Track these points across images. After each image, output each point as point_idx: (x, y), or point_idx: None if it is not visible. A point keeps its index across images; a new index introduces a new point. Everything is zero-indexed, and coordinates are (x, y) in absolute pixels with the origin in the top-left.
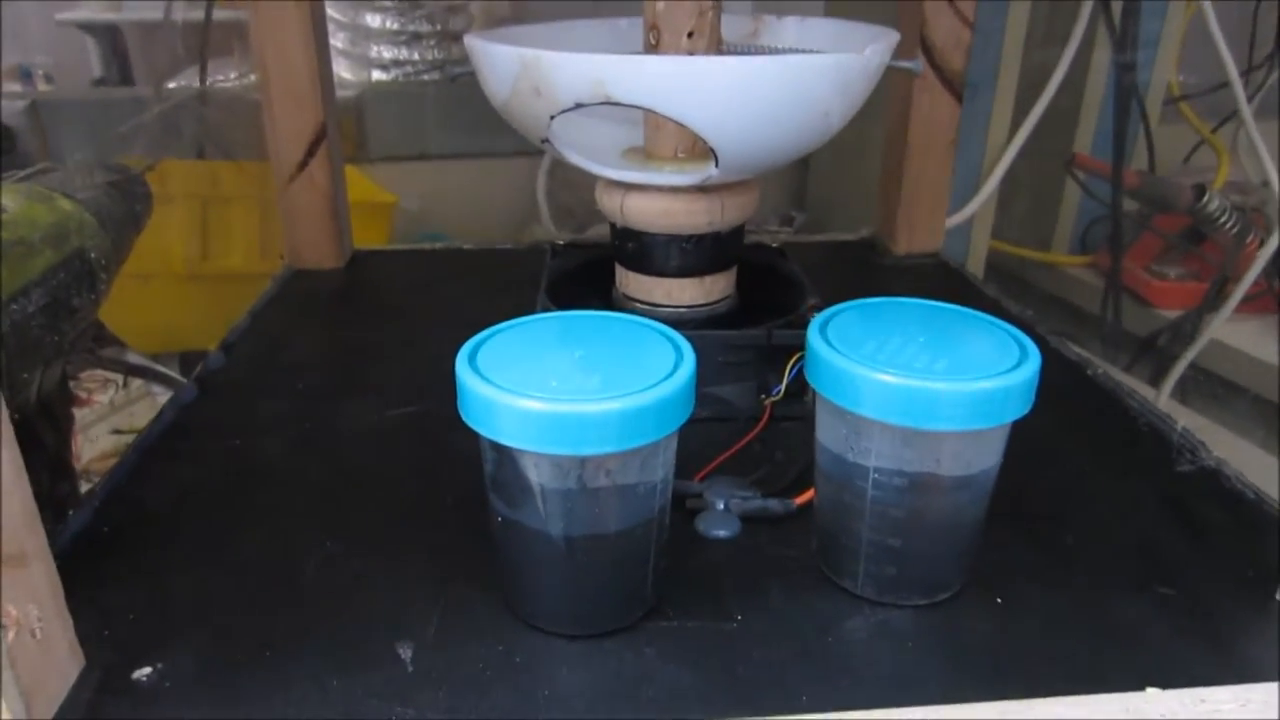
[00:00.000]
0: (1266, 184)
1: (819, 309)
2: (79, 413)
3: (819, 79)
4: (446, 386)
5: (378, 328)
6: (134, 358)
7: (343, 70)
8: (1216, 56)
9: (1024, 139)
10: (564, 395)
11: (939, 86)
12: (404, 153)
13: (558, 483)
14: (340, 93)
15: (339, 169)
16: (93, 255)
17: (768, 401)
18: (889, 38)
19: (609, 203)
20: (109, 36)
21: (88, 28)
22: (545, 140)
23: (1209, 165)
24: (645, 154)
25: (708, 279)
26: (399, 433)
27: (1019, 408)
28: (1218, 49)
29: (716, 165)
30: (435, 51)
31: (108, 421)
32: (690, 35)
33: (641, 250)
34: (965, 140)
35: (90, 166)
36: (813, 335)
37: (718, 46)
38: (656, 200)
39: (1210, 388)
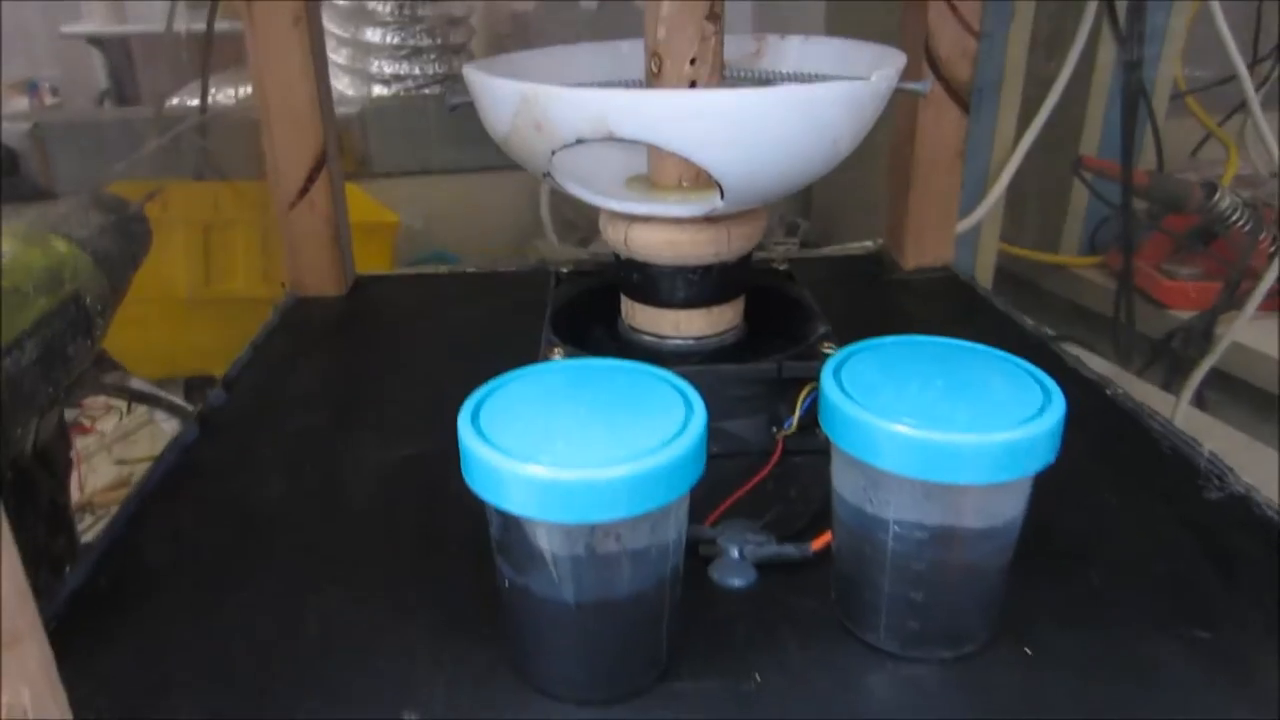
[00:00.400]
0: (1276, 175)
1: (829, 338)
2: (81, 441)
3: (826, 109)
4: (449, 425)
5: (380, 360)
6: (137, 383)
7: (344, 86)
8: (1221, 48)
9: (1030, 142)
10: (571, 460)
11: (945, 97)
12: (407, 168)
13: (566, 549)
14: (342, 109)
15: (340, 193)
16: (88, 300)
17: (780, 436)
18: (896, 60)
19: (613, 234)
20: (115, 49)
21: (94, 40)
22: (546, 174)
23: (1217, 158)
24: (649, 182)
25: (715, 309)
26: (402, 476)
27: (1044, 458)
28: (1224, 43)
29: (722, 198)
30: (436, 66)
31: (111, 451)
32: (693, 62)
33: (647, 282)
34: (971, 144)
35: (87, 202)
36: (826, 381)
37: (720, 72)
38: (661, 232)
39: (1226, 389)
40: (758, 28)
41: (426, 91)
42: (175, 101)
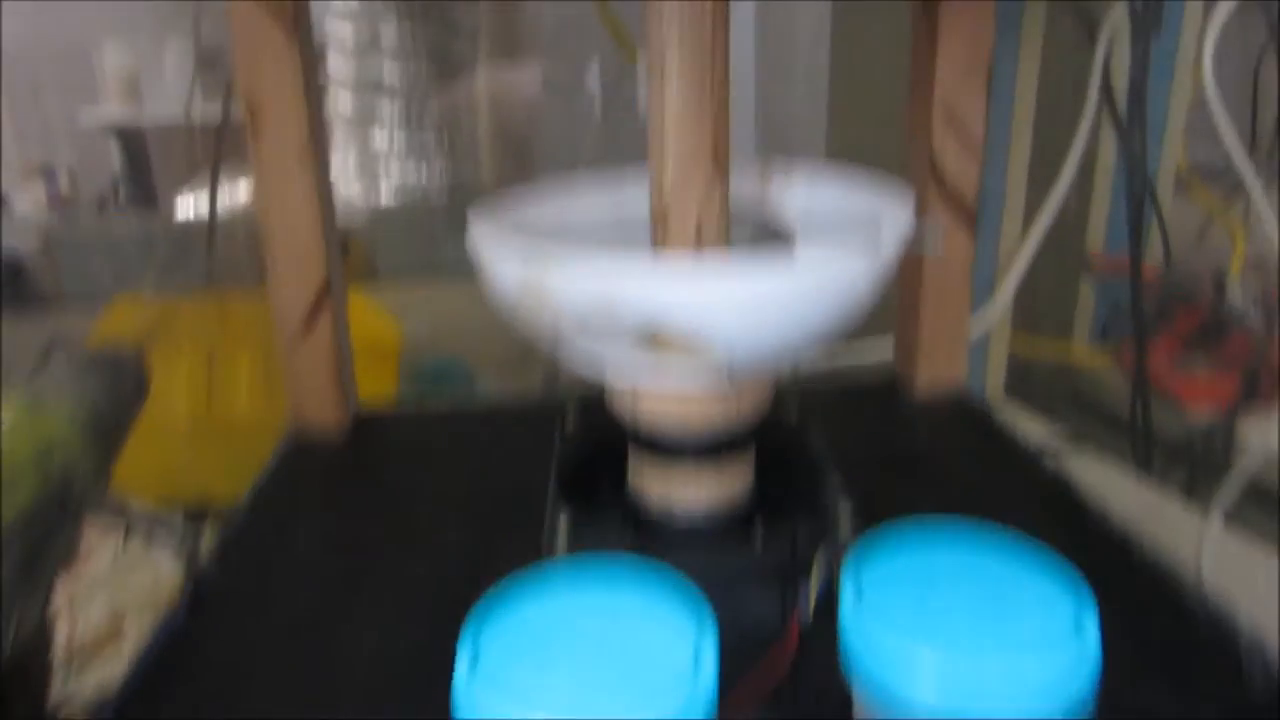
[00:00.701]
0: None
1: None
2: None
3: (838, 276)
4: (452, 610)
5: (382, 522)
6: (135, 511)
7: (353, 192)
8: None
9: (1036, 243)
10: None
11: (951, 214)
12: (413, 272)
13: None
14: (350, 215)
15: (344, 327)
16: (76, 484)
17: (794, 622)
18: (904, 208)
19: (620, 404)
20: (131, 137)
21: (110, 130)
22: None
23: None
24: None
25: (724, 477)
26: (398, 675)
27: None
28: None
29: (730, 372)
30: (444, 170)
31: (105, 590)
32: (699, 226)
33: (655, 450)
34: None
35: (80, 362)
36: (846, 615)
37: (726, 231)
38: (669, 403)
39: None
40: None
41: (434, 196)
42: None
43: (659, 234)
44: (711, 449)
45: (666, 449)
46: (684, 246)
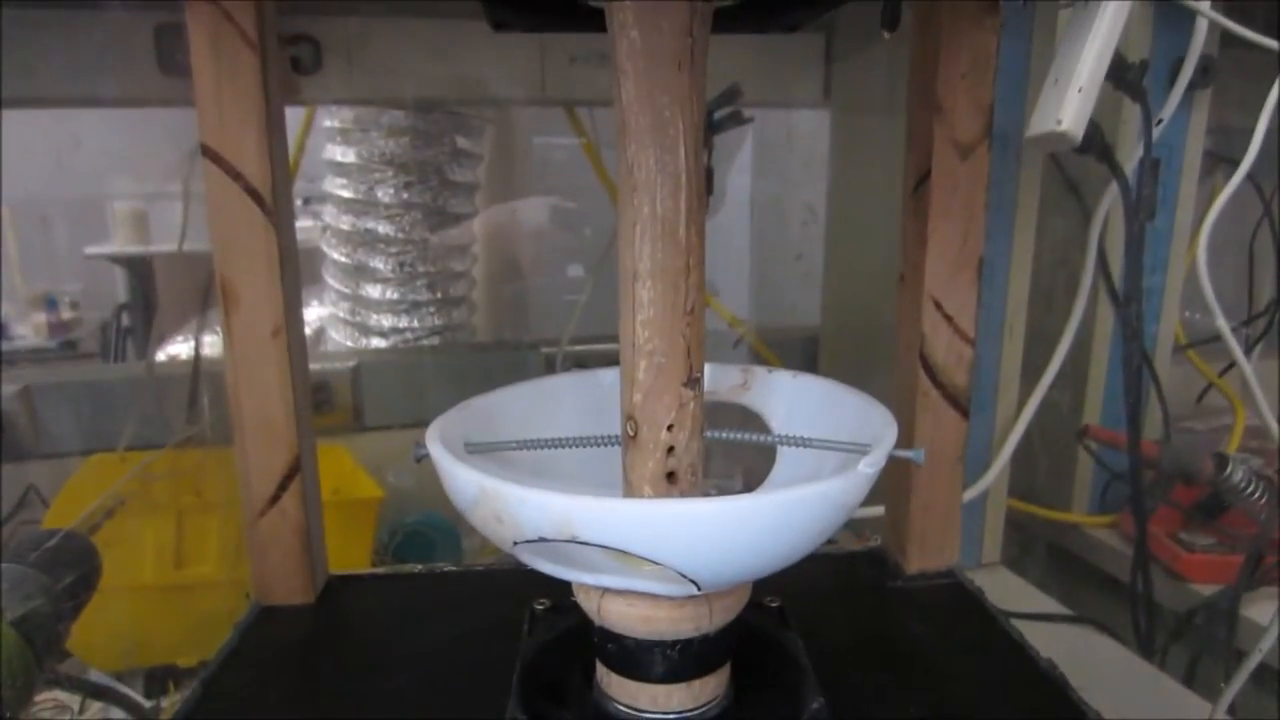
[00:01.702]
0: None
1: (821, 713)
2: None
3: (811, 509)
4: None
5: (348, 699)
6: (96, 677)
7: (343, 339)
8: (1221, 294)
9: (1031, 415)
10: None
11: (943, 404)
12: (400, 420)
13: None
14: (336, 363)
15: (315, 500)
16: (6, 689)
17: None
18: (887, 432)
19: (585, 601)
20: (136, 264)
21: (115, 259)
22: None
23: (1223, 405)
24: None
25: (696, 683)
26: None
27: None
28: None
29: (699, 589)
30: (435, 319)
31: None
32: (670, 428)
33: (622, 654)
34: (976, 400)
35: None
36: None
37: (700, 434)
38: (636, 605)
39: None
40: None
41: (424, 344)
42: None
43: (629, 431)
44: (682, 652)
45: (634, 652)
46: (653, 448)
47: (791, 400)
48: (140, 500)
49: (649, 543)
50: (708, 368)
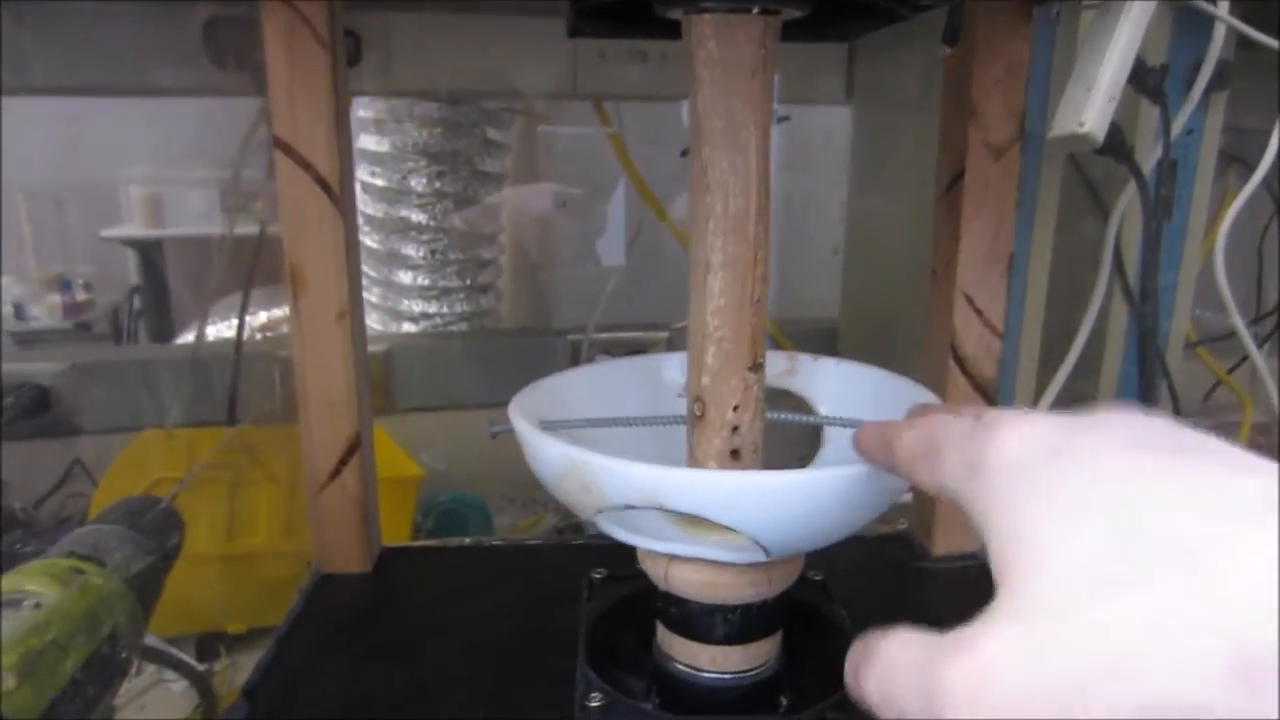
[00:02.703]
0: None
1: None
2: None
3: (875, 484)
4: None
5: (408, 670)
6: (149, 641)
7: (374, 323)
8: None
9: (1048, 408)
10: None
11: (972, 394)
12: (432, 403)
13: None
14: (371, 347)
15: (371, 475)
16: (122, 639)
17: None
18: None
19: (652, 568)
20: (149, 248)
21: (129, 242)
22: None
23: (1228, 404)
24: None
25: (752, 646)
26: None
27: None
28: (1225, 304)
29: (767, 555)
30: (464, 304)
31: (119, 715)
32: (735, 409)
33: (685, 617)
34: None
35: (118, 516)
36: None
37: (762, 415)
38: (702, 572)
39: None
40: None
41: (454, 328)
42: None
43: (696, 411)
44: (741, 616)
45: (697, 615)
46: (719, 427)
47: (836, 385)
48: (193, 480)
49: (729, 510)
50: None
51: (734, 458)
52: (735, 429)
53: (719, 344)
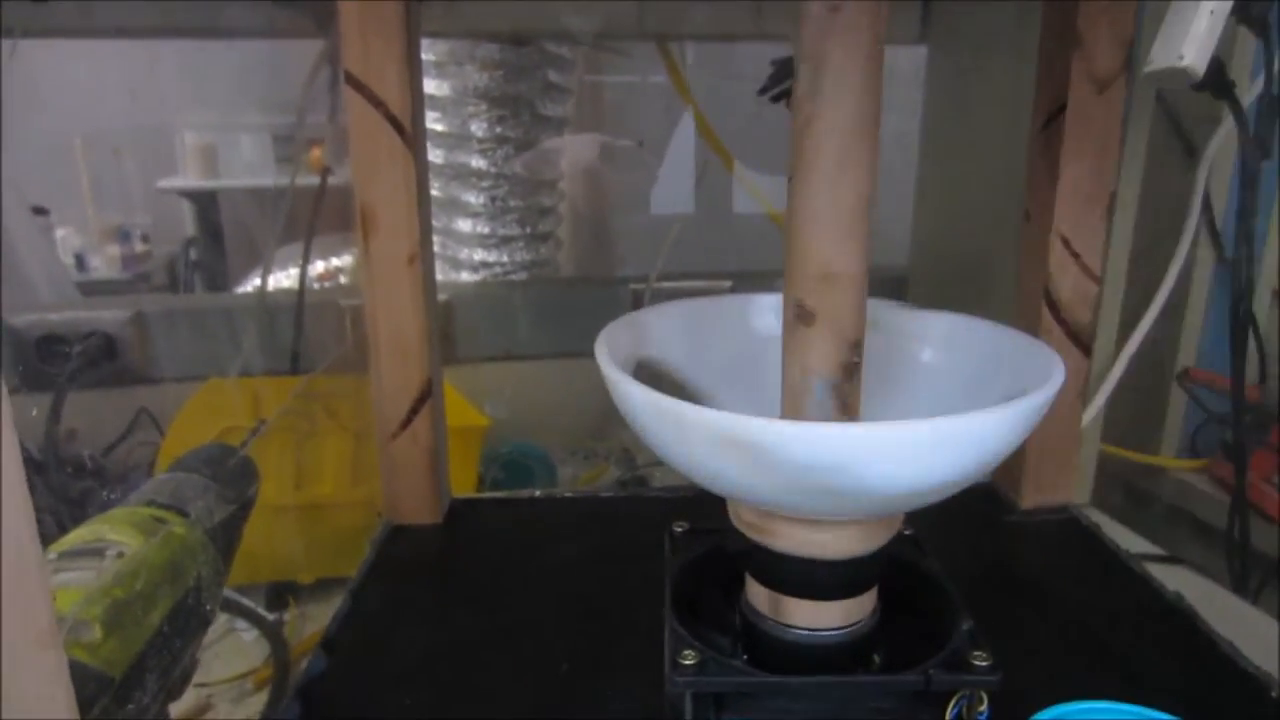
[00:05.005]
0: None
1: (976, 640)
2: None
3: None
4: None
5: (483, 617)
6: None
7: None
8: None
9: (1130, 356)
10: None
11: (1066, 340)
12: (492, 353)
13: None
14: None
15: (442, 424)
16: (205, 590)
17: None
18: (1055, 369)
19: (746, 521)
20: (204, 200)
21: (185, 194)
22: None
23: None
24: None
25: (848, 602)
26: None
27: None
28: None
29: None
30: (524, 253)
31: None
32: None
33: (779, 571)
34: None
35: (196, 464)
36: None
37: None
38: (800, 526)
39: None
40: None
41: (514, 278)
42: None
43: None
44: (838, 571)
45: (792, 569)
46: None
47: (950, 337)
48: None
49: (828, 470)
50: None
51: (847, 375)
52: (856, 344)
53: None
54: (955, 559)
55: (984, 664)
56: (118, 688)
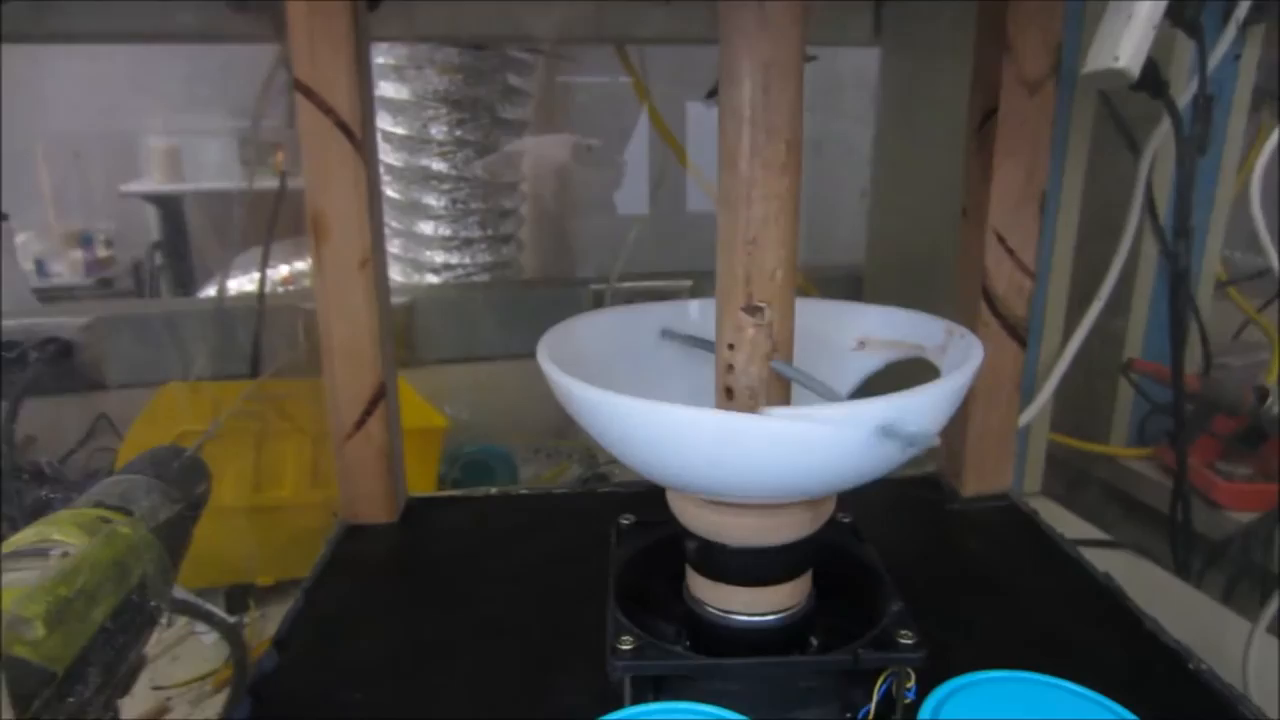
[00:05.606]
0: None
1: (904, 621)
2: None
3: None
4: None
5: (438, 615)
6: (178, 593)
7: (396, 274)
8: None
9: (1076, 348)
10: None
11: (1002, 334)
12: (454, 355)
13: None
14: (393, 299)
15: (396, 425)
16: (151, 587)
17: None
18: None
19: (683, 511)
20: (169, 204)
21: (149, 198)
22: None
23: (1257, 343)
24: None
25: (783, 587)
26: None
27: None
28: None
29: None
30: (486, 255)
31: (148, 670)
32: (730, 347)
33: (715, 560)
34: None
35: (144, 466)
36: None
37: (764, 360)
38: (733, 514)
39: None
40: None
41: (475, 279)
42: (231, 279)
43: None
44: (771, 558)
45: (727, 557)
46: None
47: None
48: (218, 431)
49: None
50: (912, 318)
51: (727, 396)
52: (730, 367)
53: (718, 279)
54: (898, 546)
55: (909, 642)
56: (60, 682)
